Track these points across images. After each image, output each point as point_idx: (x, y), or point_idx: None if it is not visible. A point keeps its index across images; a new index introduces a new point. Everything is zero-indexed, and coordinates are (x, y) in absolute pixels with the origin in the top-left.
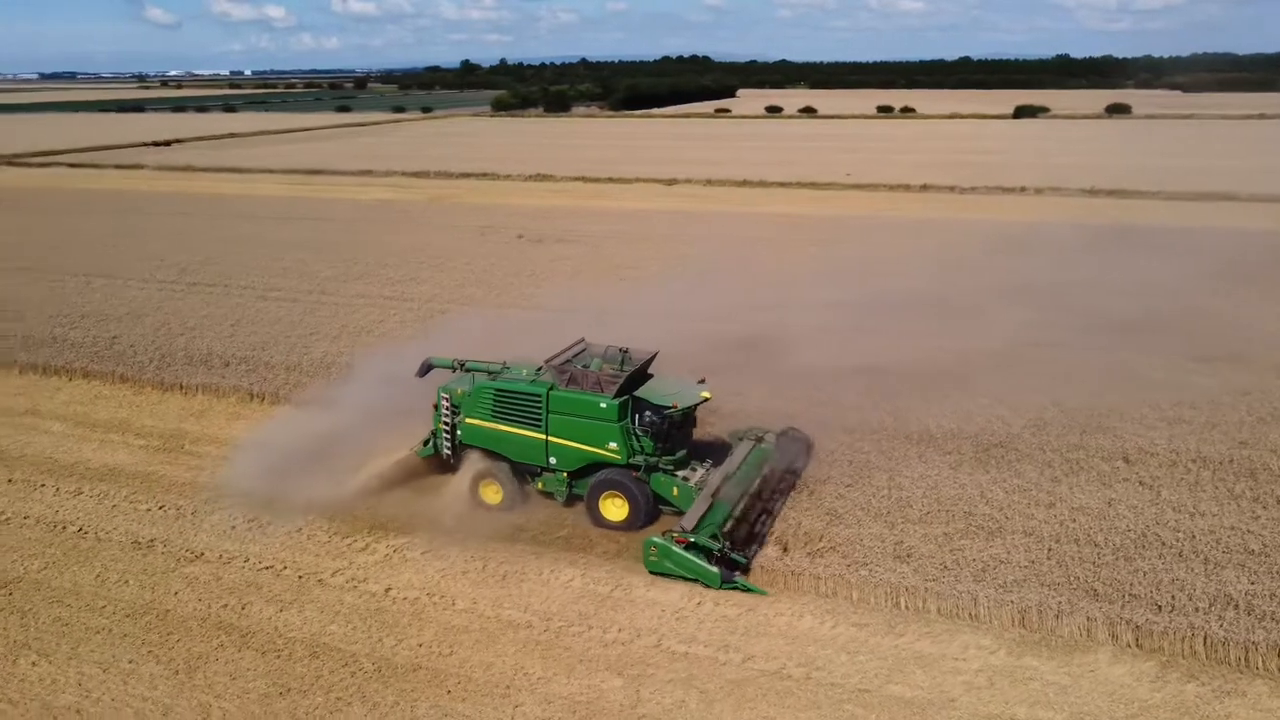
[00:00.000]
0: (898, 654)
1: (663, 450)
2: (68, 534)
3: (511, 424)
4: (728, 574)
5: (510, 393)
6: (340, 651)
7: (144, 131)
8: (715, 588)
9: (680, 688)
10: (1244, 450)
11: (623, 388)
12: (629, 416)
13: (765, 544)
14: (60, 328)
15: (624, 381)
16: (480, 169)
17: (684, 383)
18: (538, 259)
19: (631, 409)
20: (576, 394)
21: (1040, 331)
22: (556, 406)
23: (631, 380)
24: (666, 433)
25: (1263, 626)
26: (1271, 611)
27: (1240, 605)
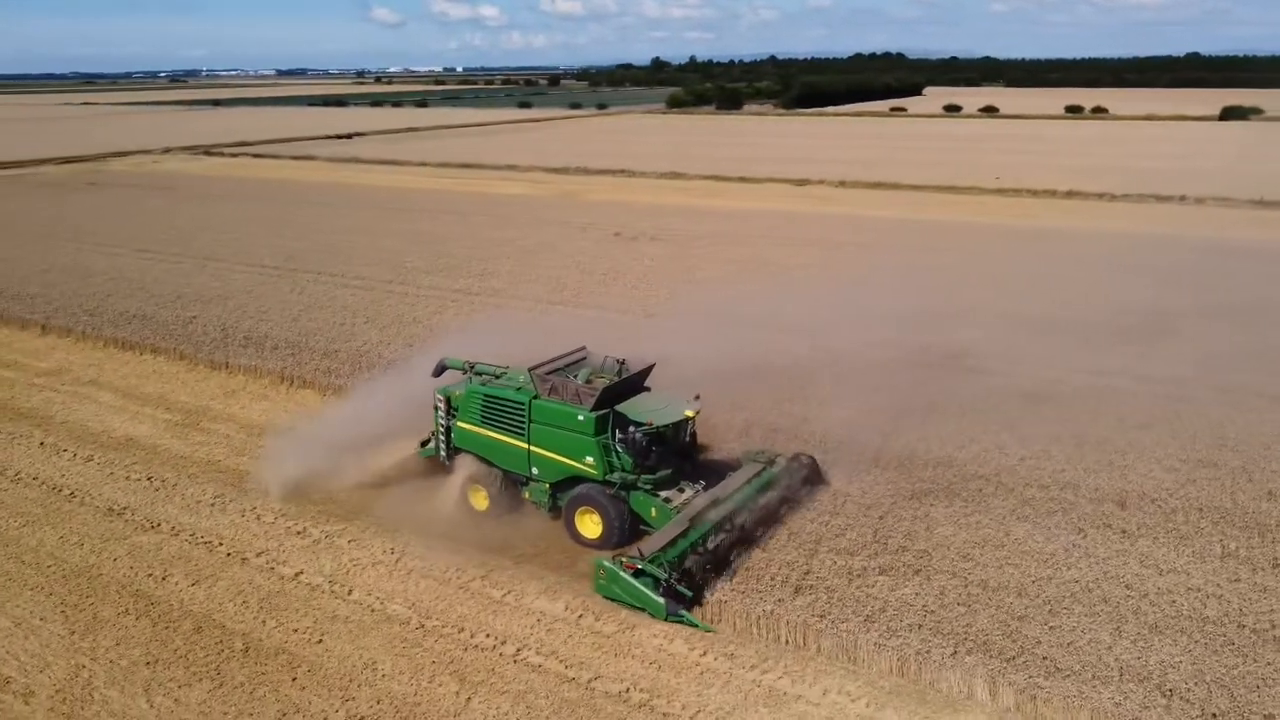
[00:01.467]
0: (751, 690)
1: (643, 468)
2: (59, 497)
3: (498, 430)
4: (673, 606)
5: (496, 399)
6: (222, 629)
7: (334, 124)
8: (661, 619)
9: (511, 700)
10: (1268, 503)
11: (602, 400)
12: (609, 431)
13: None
14: (152, 306)
15: (602, 394)
16: (620, 166)
17: (673, 399)
18: (619, 256)
19: (612, 423)
20: (556, 404)
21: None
22: (538, 416)
23: (615, 393)
24: (647, 450)
25: (1163, 707)
26: (1184, 690)
27: (1152, 680)
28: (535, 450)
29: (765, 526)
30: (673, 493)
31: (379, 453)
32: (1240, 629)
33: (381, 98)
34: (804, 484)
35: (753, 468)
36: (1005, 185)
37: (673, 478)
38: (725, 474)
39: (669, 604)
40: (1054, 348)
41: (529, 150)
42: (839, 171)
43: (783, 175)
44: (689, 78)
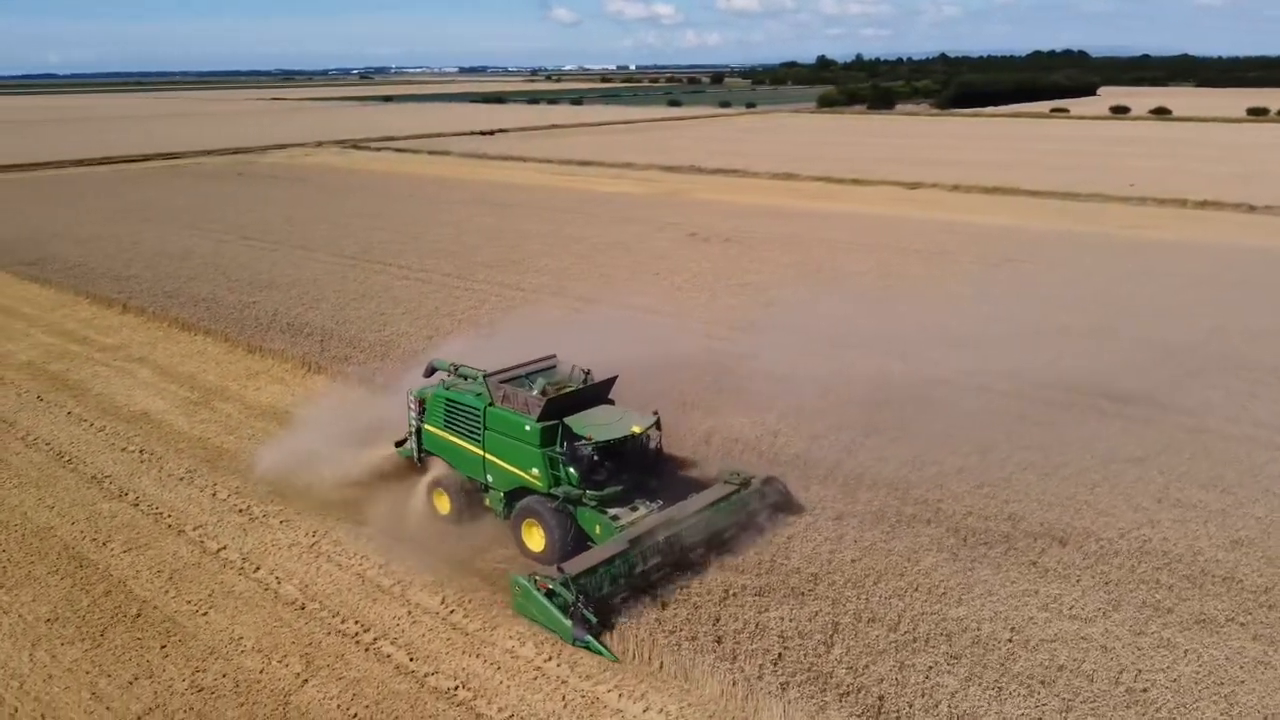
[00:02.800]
0: (575, 700)
1: (591, 483)
2: (57, 463)
3: (458, 435)
4: (580, 631)
5: (456, 403)
6: (127, 594)
7: (485, 121)
8: (568, 642)
9: (342, 686)
10: (1226, 553)
11: (547, 411)
12: (557, 443)
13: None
14: (223, 290)
15: (547, 405)
16: (736, 165)
17: (627, 413)
18: (682, 257)
19: (561, 435)
20: (508, 412)
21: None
22: (491, 423)
23: (562, 405)
24: (597, 464)
25: None
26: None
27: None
28: (489, 458)
29: (713, 550)
30: (624, 511)
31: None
32: (1115, 685)
33: (540, 95)
34: (772, 509)
35: (721, 489)
36: (1137, 193)
37: (625, 495)
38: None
39: (575, 629)
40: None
41: (655, 148)
42: (961, 175)
43: (898, 178)
44: (854, 76)
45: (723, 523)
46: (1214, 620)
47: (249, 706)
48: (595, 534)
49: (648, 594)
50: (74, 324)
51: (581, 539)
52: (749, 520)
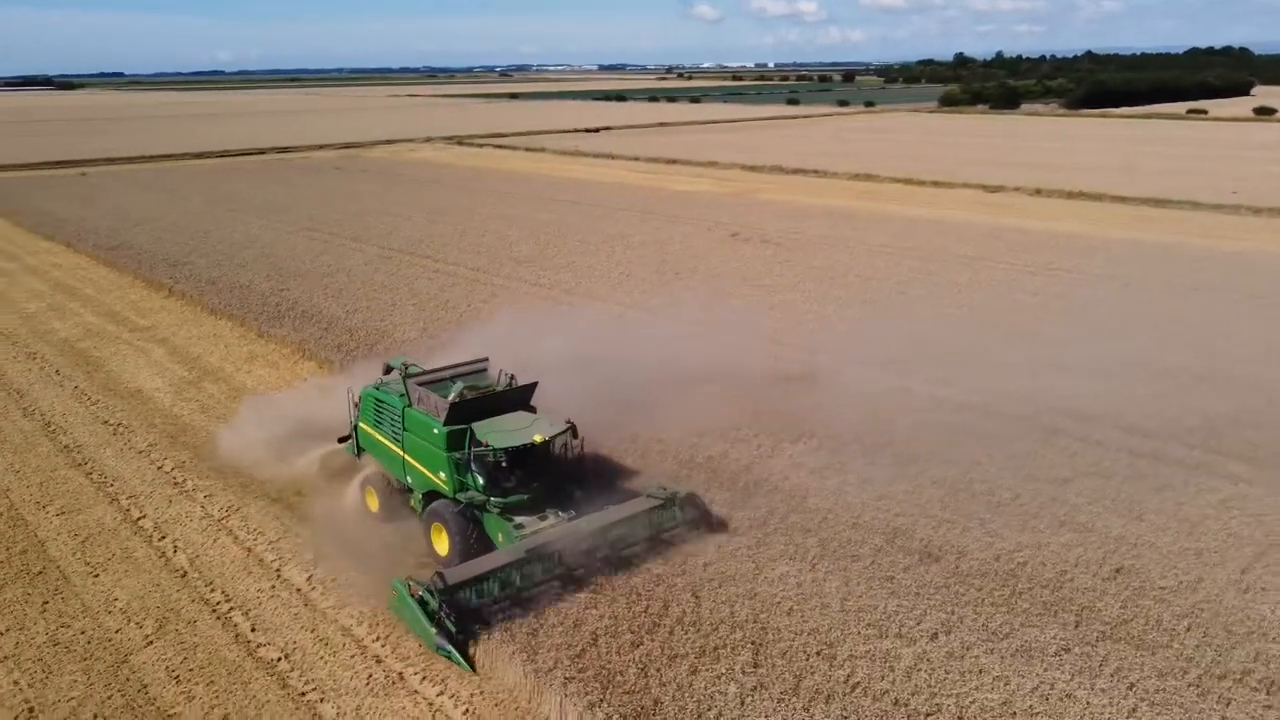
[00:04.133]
0: (381, 678)
1: (497, 490)
2: (43, 433)
3: (384, 435)
4: (441, 639)
5: (382, 403)
6: (41, 554)
7: (596, 119)
8: (431, 649)
9: (180, 651)
10: (1097, 581)
11: (452, 415)
12: (464, 448)
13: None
14: (261, 278)
15: (451, 409)
16: (818, 165)
17: (538, 421)
18: (711, 257)
19: (470, 440)
20: (422, 414)
21: None
22: (409, 424)
23: (469, 409)
24: (505, 471)
25: None
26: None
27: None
28: (408, 459)
29: (611, 565)
30: (532, 519)
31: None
32: (897, 707)
33: (664, 93)
34: (689, 526)
35: (641, 504)
36: (1236, 200)
37: (534, 503)
38: (610, 505)
39: (438, 637)
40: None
41: (748, 147)
42: (1049, 178)
43: (984, 181)
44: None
45: (634, 537)
46: (1042, 650)
47: (89, 662)
48: (498, 541)
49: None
50: (121, 305)
51: (488, 545)
52: (661, 536)
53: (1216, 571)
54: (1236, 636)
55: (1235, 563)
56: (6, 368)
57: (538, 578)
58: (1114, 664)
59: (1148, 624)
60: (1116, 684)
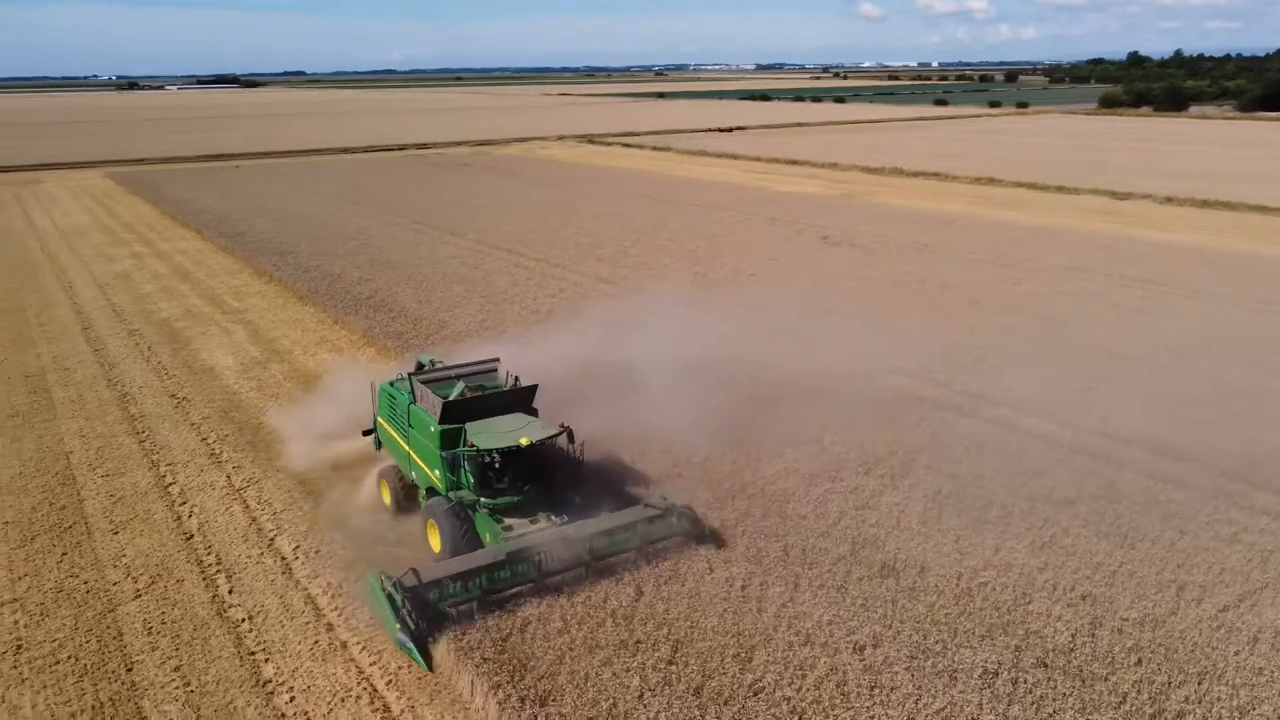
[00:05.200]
0: (325, 647)
1: (488, 490)
2: (117, 403)
3: (395, 430)
4: (402, 635)
5: (394, 398)
6: (76, 511)
7: (732, 118)
8: (394, 641)
9: (161, 605)
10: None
11: (446, 414)
12: (458, 446)
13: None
14: (354, 268)
15: (444, 408)
16: (940, 169)
17: (532, 424)
18: (792, 259)
19: (464, 440)
20: (423, 412)
21: None
22: (413, 421)
23: (463, 409)
24: (498, 472)
25: None
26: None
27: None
28: (412, 455)
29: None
30: (522, 521)
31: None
32: (791, 714)
33: (812, 93)
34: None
35: (633, 513)
36: None
37: (524, 506)
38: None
39: (400, 632)
40: None
41: (876, 149)
42: (1189, 187)
43: (1115, 187)
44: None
45: (622, 546)
46: (967, 672)
47: (81, 609)
48: (486, 541)
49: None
50: (223, 289)
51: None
52: (652, 548)
53: (1192, 608)
54: (1184, 676)
55: (1217, 600)
56: (108, 342)
57: (513, 581)
58: (1038, 692)
59: (1093, 655)
60: (1032, 713)
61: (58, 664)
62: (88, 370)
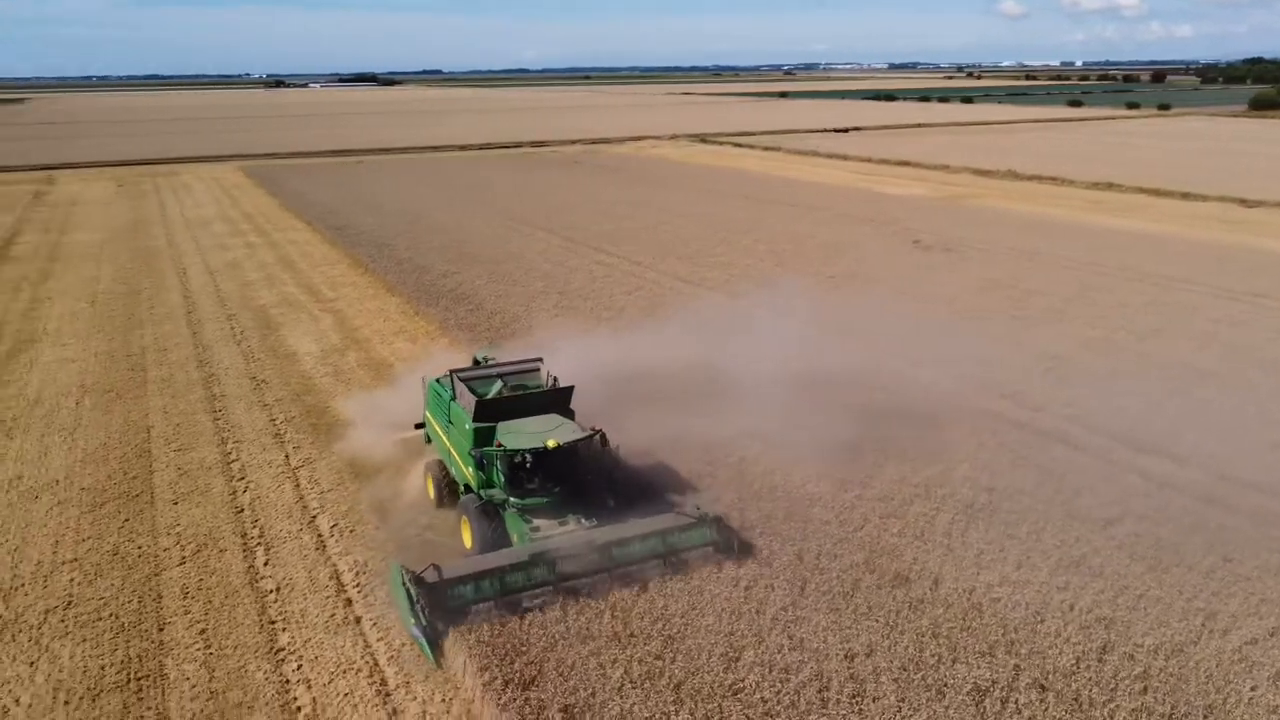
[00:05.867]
0: (338, 623)
1: (515, 490)
2: (203, 382)
3: (439, 425)
4: (415, 627)
5: (438, 394)
6: (145, 482)
7: (851, 118)
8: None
9: (201, 573)
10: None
11: (479, 413)
12: (490, 444)
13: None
14: (442, 261)
15: (478, 406)
16: (1058, 172)
17: (563, 426)
18: (877, 262)
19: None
20: (461, 409)
21: None
22: (452, 417)
23: (496, 408)
24: (525, 472)
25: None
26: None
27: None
28: (452, 450)
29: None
30: (550, 523)
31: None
32: (765, 717)
33: (936, 93)
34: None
35: (661, 521)
36: None
37: (554, 507)
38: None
39: (414, 626)
40: None
41: (993, 151)
42: None
43: (1240, 194)
44: None
45: (648, 553)
46: (955, 688)
47: (129, 572)
48: (514, 540)
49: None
50: (320, 280)
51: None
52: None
53: (1215, 638)
54: (1189, 709)
55: (1245, 632)
56: (206, 326)
57: (531, 583)
58: (1028, 714)
59: (1095, 680)
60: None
61: (99, 620)
62: (183, 351)
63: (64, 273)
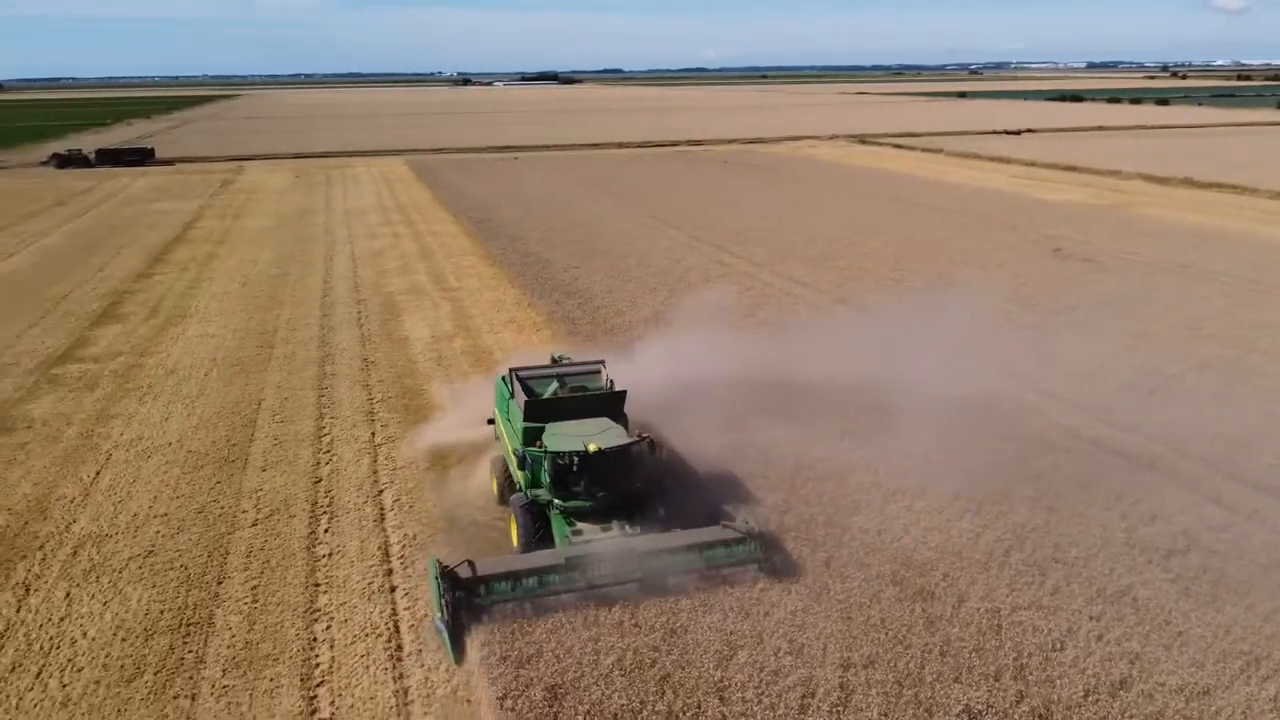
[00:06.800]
0: (379, 603)
1: (560, 491)
2: (322, 359)
3: (502, 420)
4: (440, 620)
5: (502, 391)
6: (244, 449)
7: (1025, 119)
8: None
9: (267, 535)
10: None
11: (532, 412)
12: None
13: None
14: (563, 254)
15: (528, 406)
16: (1243, 180)
17: (610, 430)
18: (1005, 271)
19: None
20: (515, 407)
21: None
22: (509, 415)
23: (546, 409)
24: (571, 474)
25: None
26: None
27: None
28: (509, 447)
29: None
30: (592, 527)
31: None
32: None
33: (1129, 94)
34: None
35: (705, 534)
36: None
37: (600, 512)
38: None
39: (439, 619)
40: None
41: (1172, 156)
42: None
43: None
44: None
45: (686, 566)
46: (945, 709)
47: (207, 529)
48: (557, 543)
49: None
50: (450, 269)
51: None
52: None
53: (1250, 685)
54: None
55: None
56: (337, 309)
57: (562, 587)
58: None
59: (1099, 715)
60: None
61: (170, 570)
62: (309, 332)
63: (228, 255)
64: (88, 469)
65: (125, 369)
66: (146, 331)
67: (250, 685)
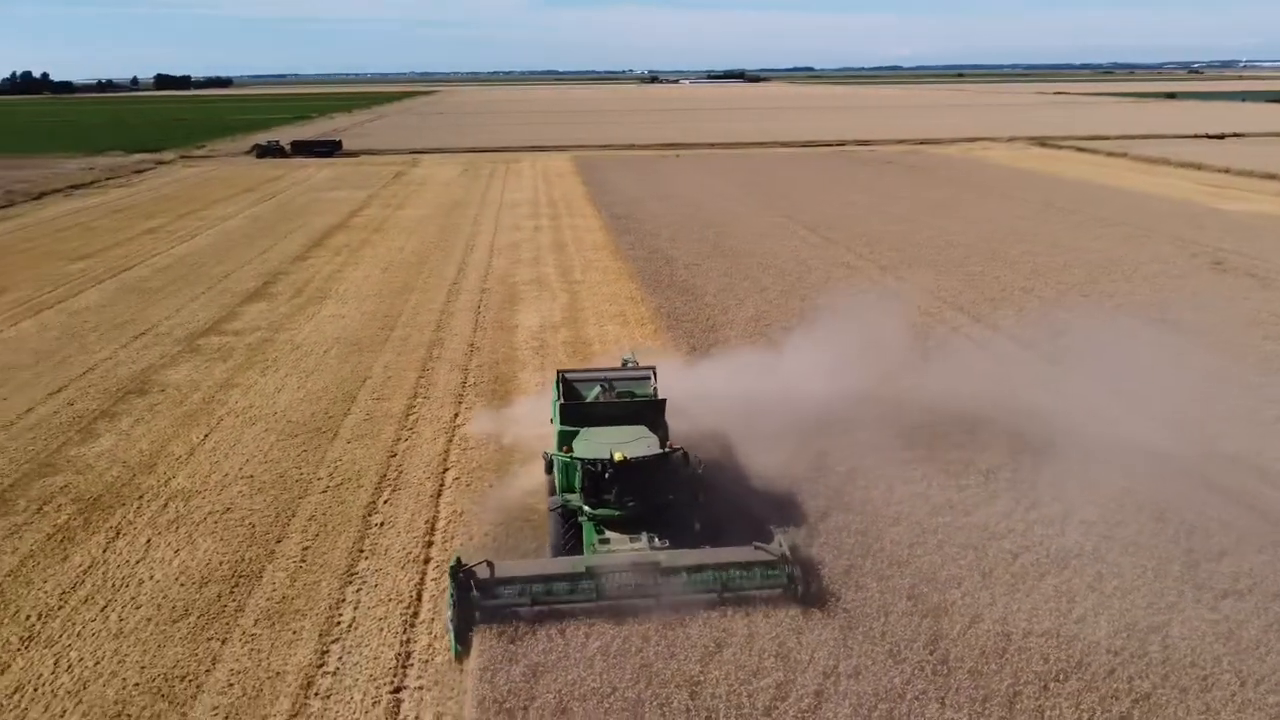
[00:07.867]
0: (406, 600)
1: (591, 499)
2: (429, 347)
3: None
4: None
5: (554, 393)
6: (338, 423)
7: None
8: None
9: (327, 505)
10: None
11: (567, 416)
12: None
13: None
14: (690, 254)
15: (564, 410)
16: None
17: (643, 439)
18: (1154, 285)
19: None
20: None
21: None
22: (554, 417)
23: (581, 414)
24: (604, 482)
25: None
26: None
27: None
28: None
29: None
30: (623, 538)
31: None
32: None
33: None
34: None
35: (734, 554)
36: None
37: (631, 522)
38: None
39: (453, 614)
40: None
41: None
42: None
43: None
44: None
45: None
46: (930, 700)
47: (281, 493)
48: (586, 550)
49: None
50: (579, 262)
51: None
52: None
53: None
54: None
55: None
56: (461, 297)
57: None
58: None
59: None
60: None
61: (240, 527)
62: (429, 317)
63: (380, 242)
64: (198, 431)
65: (259, 343)
66: (287, 310)
67: (274, 636)
